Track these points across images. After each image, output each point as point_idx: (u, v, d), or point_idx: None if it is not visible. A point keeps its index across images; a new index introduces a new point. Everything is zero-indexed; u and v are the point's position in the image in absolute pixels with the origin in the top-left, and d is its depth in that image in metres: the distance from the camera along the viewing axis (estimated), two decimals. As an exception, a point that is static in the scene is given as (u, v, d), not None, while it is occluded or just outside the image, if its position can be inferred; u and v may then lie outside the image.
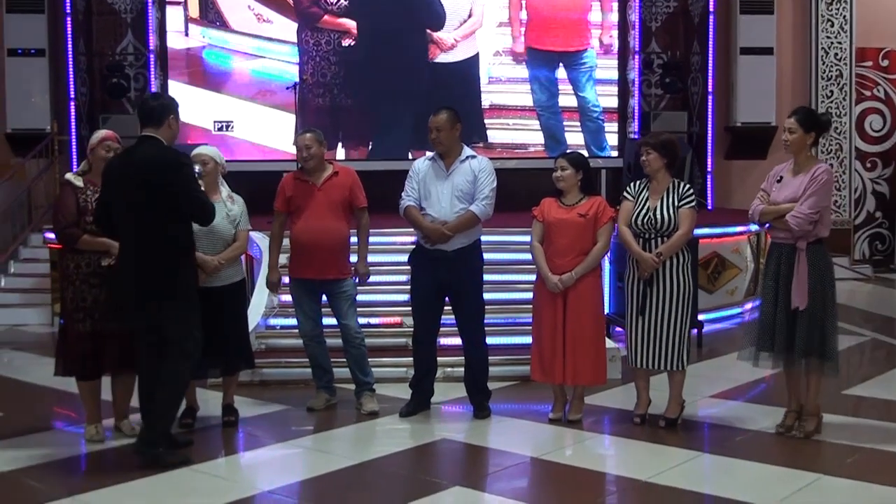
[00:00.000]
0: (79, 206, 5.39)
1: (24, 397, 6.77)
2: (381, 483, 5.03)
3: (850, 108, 12.15)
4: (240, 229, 5.82)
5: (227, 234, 5.75)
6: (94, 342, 5.40)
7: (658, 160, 5.73)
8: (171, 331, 5.09)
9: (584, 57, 11.27)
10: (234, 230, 5.79)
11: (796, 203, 5.38)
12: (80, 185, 5.45)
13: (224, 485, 4.93)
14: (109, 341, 5.40)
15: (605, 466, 5.41)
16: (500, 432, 5.77)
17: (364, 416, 6.03)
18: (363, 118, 11.18)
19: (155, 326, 5.10)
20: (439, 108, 5.99)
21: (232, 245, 5.77)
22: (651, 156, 5.73)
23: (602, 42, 11.26)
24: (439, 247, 5.87)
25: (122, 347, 5.39)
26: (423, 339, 6.10)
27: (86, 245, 5.38)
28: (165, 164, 5.04)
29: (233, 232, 5.78)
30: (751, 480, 4.90)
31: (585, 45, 11.29)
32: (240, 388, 6.22)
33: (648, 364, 5.73)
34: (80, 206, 5.40)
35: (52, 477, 5.02)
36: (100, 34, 11.11)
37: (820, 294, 5.40)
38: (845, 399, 6.42)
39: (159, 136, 5.14)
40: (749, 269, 9.67)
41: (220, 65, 11.13)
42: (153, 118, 5.14)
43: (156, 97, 5.54)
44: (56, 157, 10.56)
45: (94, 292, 5.39)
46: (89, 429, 5.54)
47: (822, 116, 5.72)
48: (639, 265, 5.69)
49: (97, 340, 5.40)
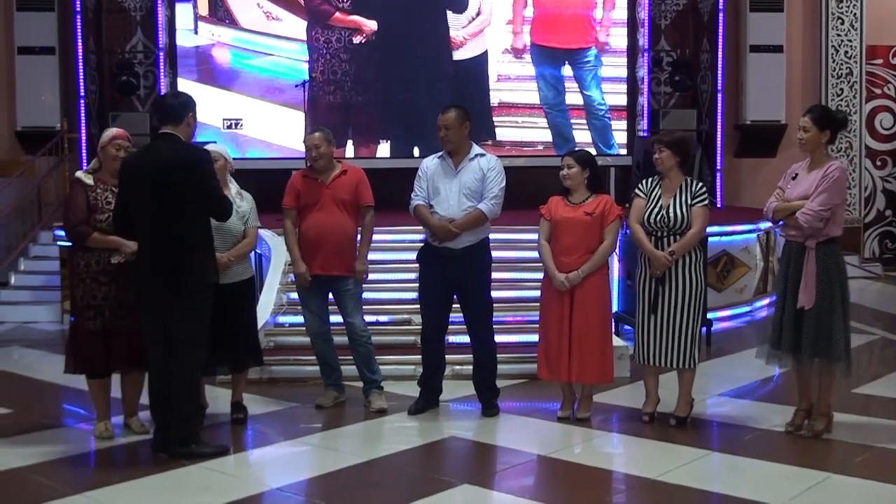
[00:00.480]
0: (89, 204, 5.41)
1: (34, 394, 6.79)
2: (390, 481, 5.04)
3: (861, 106, 12.12)
4: (249, 226, 5.84)
5: (238, 230, 5.77)
6: (105, 340, 5.42)
7: (671, 158, 5.71)
8: (179, 329, 5.11)
9: (588, 55, 11.25)
10: (244, 227, 5.81)
11: (807, 200, 5.36)
12: (91, 184, 5.46)
13: (233, 482, 4.94)
14: (119, 339, 5.42)
15: (614, 465, 5.40)
16: (509, 430, 5.77)
17: (372, 414, 6.04)
18: (374, 116, 11.18)
19: (166, 324, 5.13)
20: (447, 106, 6.00)
21: (242, 242, 5.79)
22: (664, 154, 5.72)
23: (598, 41, 11.23)
24: (447, 244, 5.87)
25: (131, 345, 5.41)
26: (431, 337, 6.10)
27: (96, 243, 5.39)
28: (187, 161, 5.12)
29: (242, 229, 5.81)
30: (760, 479, 4.89)
31: (590, 42, 11.27)
32: (248, 385, 6.23)
33: (659, 362, 5.72)
34: (90, 204, 5.41)
35: (62, 474, 5.04)
36: (109, 32, 11.14)
37: (828, 294, 5.36)
38: (855, 398, 6.40)
39: (178, 134, 5.20)
40: (758, 267, 9.65)
41: (230, 63, 11.14)
42: (172, 116, 5.20)
43: (175, 95, 5.58)
44: (66, 154, 10.60)
45: (104, 290, 5.40)
46: (99, 426, 5.56)
47: (838, 114, 5.65)
48: (651, 263, 5.68)
49: (107, 338, 5.42)
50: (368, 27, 11.01)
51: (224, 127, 10.94)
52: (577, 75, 11.26)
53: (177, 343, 5.12)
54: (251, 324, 6.03)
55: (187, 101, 5.31)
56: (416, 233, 6.25)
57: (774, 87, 11.56)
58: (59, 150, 10.63)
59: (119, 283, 5.40)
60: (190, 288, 5.11)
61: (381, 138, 11.17)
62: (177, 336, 5.12)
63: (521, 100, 11.28)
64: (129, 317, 5.41)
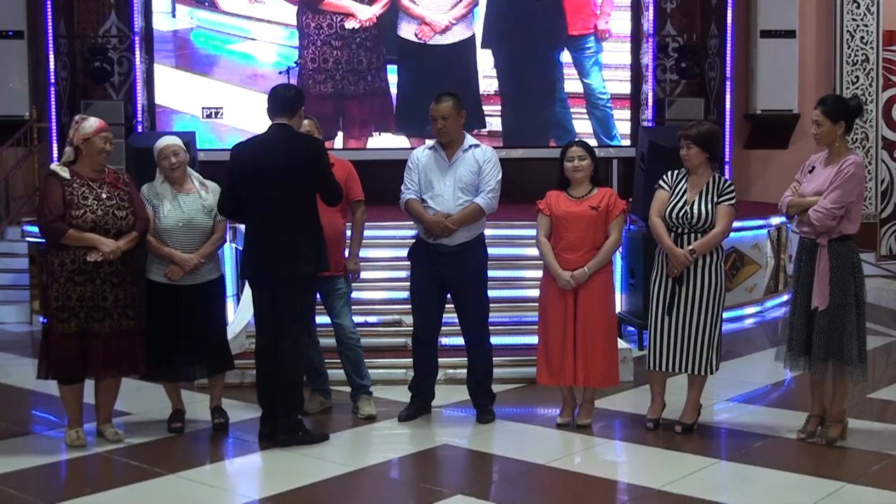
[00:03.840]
0: (65, 200, 5.38)
1: (1, 400, 6.77)
2: (379, 491, 5.04)
3: (877, 95, 12.14)
4: (218, 221, 5.84)
5: (206, 225, 5.79)
6: (81, 343, 5.40)
7: (700, 155, 5.65)
8: (286, 316, 5.48)
9: (588, 41, 11.25)
10: (213, 222, 5.81)
11: (821, 197, 5.36)
12: (67, 178, 5.43)
13: (212, 492, 4.94)
14: (96, 342, 5.41)
15: (617, 474, 5.41)
16: (505, 438, 5.77)
17: (361, 421, 6.04)
18: (366, 106, 11.17)
19: (275, 308, 5.48)
20: (441, 95, 5.95)
21: (210, 238, 5.80)
22: (692, 150, 5.65)
23: (598, 28, 11.23)
24: (442, 241, 5.87)
25: (107, 348, 5.41)
26: (423, 339, 6.10)
27: (72, 240, 5.37)
28: (307, 149, 5.56)
29: (211, 224, 5.81)
30: (770, 489, 4.90)
31: (590, 28, 11.27)
32: (229, 390, 6.22)
33: (673, 367, 5.70)
34: (66, 200, 5.38)
35: (33, 484, 5.02)
36: (81, 15, 11.08)
37: (841, 294, 5.37)
38: (871, 403, 6.42)
39: (291, 125, 5.58)
40: (769, 265, 9.67)
41: (210, 48, 11.11)
42: (288, 108, 5.58)
43: (289, 88, 5.94)
44: (35, 145, 10.54)
45: (80, 290, 5.39)
46: (70, 433, 5.54)
47: (851, 101, 5.56)
48: (668, 261, 5.67)
49: (83, 341, 5.41)
50: (358, 14, 11.00)
51: (203, 116, 10.93)
52: (577, 62, 11.26)
53: (283, 330, 5.48)
54: (220, 326, 6.06)
55: (300, 95, 5.72)
56: (408, 228, 6.24)
57: (786, 75, 11.56)
58: (28, 141, 10.58)
59: (95, 282, 5.39)
60: (301, 274, 5.46)
61: (375, 130, 11.17)
62: (283, 322, 5.48)
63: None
64: (107, 319, 5.41)
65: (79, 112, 10.18)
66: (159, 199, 5.73)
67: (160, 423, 5.88)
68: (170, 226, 5.70)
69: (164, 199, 5.72)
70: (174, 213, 5.71)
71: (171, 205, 5.72)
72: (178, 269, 5.67)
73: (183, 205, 5.73)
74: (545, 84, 11.24)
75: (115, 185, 5.53)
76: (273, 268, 5.47)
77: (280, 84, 6.02)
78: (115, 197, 5.49)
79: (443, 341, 6.31)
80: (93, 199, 5.42)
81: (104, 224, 5.42)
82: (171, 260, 5.66)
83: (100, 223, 5.40)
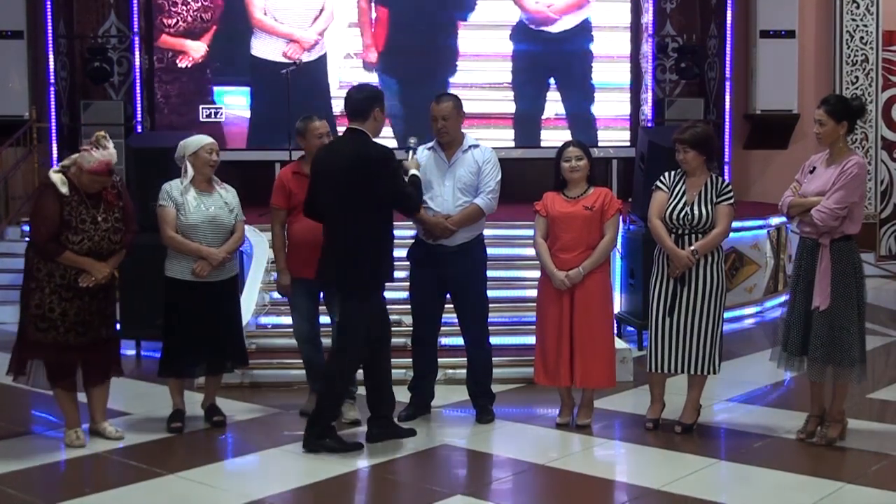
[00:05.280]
0: (63, 219, 5.29)
1: (1, 400, 6.76)
2: (379, 491, 5.04)
3: (877, 95, 12.14)
4: (238, 220, 5.90)
5: (229, 223, 5.87)
6: (57, 352, 5.39)
7: (696, 158, 5.66)
8: (345, 320, 5.45)
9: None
10: (234, 220, 5.87)
11: (823, 197, 5.36)
12: (66, 193, 5.33)
13: (212, 492, 4.94)
14: (71, 353, 5.42)
15: (616, 474, 5.42)
16: (505, 438, 5.78)
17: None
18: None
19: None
20: (441, 95, 6.00)
21: (232, 237, 5.86)
22: (689, 154, 5.66)
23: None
24: (441, 242, 5.87)
25: (87, 360, 5.45)
26: (422, 339, 6.11)
27: (68, 262, 5.33)
28: (367, 160, 5.30)
29: (233, 222, 5.88)
30: (770, 489, 4.91)
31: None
32: (229, 390, 6.23)
33: (675, 368, 5.70)
34: (64, 220, 5.29)
35: (31, 484, 5.03)
36: (81, 15, 11.10)
37: (843, 295, 5.37)
38: (870, 403, 6.43)
39: (365, 130, 5.38)
40: (769, 265, 9.68)
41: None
42: (358, 112, 5.39)
43: (360, 89, 5.63)
44: (35, 145, 10.55)
45: (64, 305, 5.36)
46: (70, 434, 5.55)
47: (854, 102, 5.56)
48: (670, 262, 5.68)
49: (60, 352, 5.39)
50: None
51: (203, 116, 10.93)
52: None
53: (340, 334, 5.51)
54: (237, 322, 6.07)
55: (372, 95, 5.46)
56: (407, 229, 6.24)
57: (786, 75, 11.58)
58: (27, 141, 10.58)
59: (84, 299, 5.38)
60: (348, 288, 5.39)
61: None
62: (341, 326, 5.49)
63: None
64: (89, 332, 5.41)
65: (78, 112, 10.25)
66: (183, 197, 5.73)
67: (160, 422, 5.89)
68: (196, 222, 5.70)
69: (190, 197, 5.73)
70: (200, 211, 5.72)
71: (197, 202, 5.74)
72: (206, 265, 5.68)
73: (208, 203, 5.76)
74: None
75: (111, 202, 5.43)
76: (322, 277, 5.46)
77: (354, 85, 5.78)
78: (112, 219, 5.42)
79: (442, 341, 6.31)
80: (90, 224, 5.34)
81: (99, 250, 5.39)
82: (198, 255, 5.67)
83: (95, 249, 5.37)
